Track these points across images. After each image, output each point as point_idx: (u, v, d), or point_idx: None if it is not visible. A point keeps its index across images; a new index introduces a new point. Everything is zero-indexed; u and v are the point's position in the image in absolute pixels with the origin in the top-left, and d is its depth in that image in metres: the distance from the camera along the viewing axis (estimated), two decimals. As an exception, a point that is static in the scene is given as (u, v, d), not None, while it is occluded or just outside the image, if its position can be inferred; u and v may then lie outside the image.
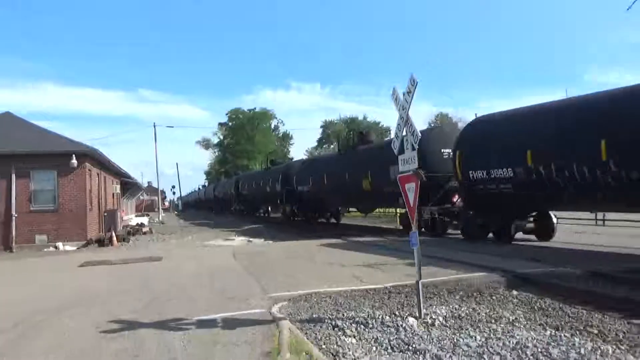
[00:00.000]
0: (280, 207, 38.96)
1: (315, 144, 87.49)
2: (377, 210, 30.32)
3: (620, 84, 11.96)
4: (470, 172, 16.90)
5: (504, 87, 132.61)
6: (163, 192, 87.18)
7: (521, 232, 17.58)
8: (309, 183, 30.69)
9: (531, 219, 17.52)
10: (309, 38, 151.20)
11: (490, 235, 17.65)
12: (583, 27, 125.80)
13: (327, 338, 6.36)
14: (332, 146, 75.53)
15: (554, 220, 17.42)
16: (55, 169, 22.00)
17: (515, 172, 15.03)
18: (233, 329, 6.87)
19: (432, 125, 57.37)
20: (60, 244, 21.18)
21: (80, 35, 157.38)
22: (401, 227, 22.85)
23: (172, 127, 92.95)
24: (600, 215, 21.38)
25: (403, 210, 21.85)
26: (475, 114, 19.33)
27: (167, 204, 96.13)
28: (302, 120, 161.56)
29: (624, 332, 6.42)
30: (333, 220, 33.88)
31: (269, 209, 46.10)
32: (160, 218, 51.59)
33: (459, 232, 19.04)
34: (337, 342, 6.16)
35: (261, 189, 41.05)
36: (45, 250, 20.63)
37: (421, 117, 74.69)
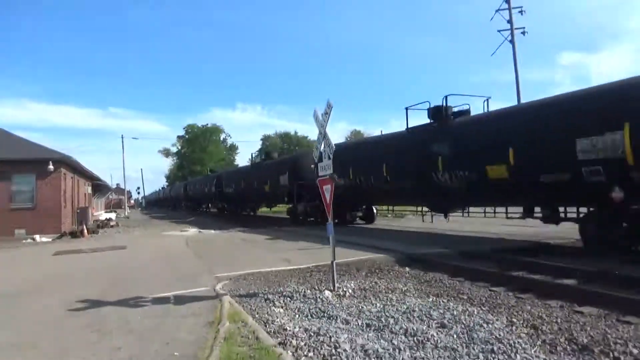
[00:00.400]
0: (215, 204, 41.81)
1: (257, 153, 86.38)
2: (278, 205, 32.05)
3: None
4: None
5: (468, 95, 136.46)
6: (129, 192, 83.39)
7: (357, 219, 21.21)
8: (233, 186, 33.09)
9: (361, 209, 21.43)
10: (253, 69, 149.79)
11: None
12: (462, 67, 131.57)
13: (260, 309, 6.27)
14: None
15: (374, 211, 21.55)
16: (34, 173, 20.64)
17: (345, 181, 18.22)
18: (183, 304, 6.64)
19: (347, 139, 58.93)
20: (37, 237, 19.76)
21: (57, 58, 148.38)
22: (288, 216, 25.48)
23: (137, 138, 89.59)
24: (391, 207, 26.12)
25: (289, 205, 24.87)
26: (381, 131, 21.23)
27: (132, 202, 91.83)
28: (246, 134, 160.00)
29: (486, 297, 6.68)
30: (252, 213, 36.52)
31: (209, 205, 47.28)
32: (126, 214, 49.44)
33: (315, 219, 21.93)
34: (267, 312, 6.08)
35: (202, 190, 43.38)
36: (23, 241, 19.18)
37: (339, 133, 75.88)
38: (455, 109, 14.51)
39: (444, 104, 14.39)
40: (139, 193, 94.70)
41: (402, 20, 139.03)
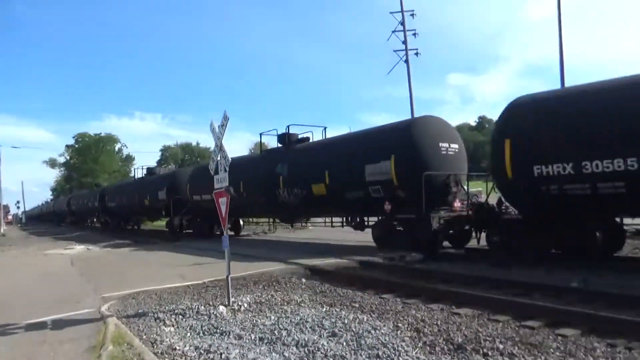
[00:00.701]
0: (100, 218, 41.15)
1: (155, 164, 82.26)
2: (160, 219, 32.09)
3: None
4: (194, 195, 21.99)
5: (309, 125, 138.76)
6: (7, 207, 74.81)
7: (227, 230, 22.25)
8: (116, 201, 33.79)
9: (230, 222, 23.68)
10: (152, 76, 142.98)
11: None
12: (361, 85, 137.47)
13: (149, 329, 5.97)
14: (169, 166, 71.94)
15: (241, 223, 23.77)
16: None
17: (212, 196, 19.30)
18: (62, 328, 6.13)
19: (251, 150, 58.80)
20: None
21: None
22: (167, 230, 26.69)
23: (18, 147, 79.78)
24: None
25: (166, 219, 26.86)
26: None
27: (10, 218, 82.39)
28: (145, 144, 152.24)
29: (376, 305, 6.96)
30: (136, 227, 35.83)
31: (94, 220, 45.52)
32: (2, 231, 44.42)
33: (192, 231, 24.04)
34: (157, 332, 5.80)
35: (86, 205, 42.78)
36: None
37: (243, 144, 75.15)
38: (302, 135, 17.72)
39: (287, 132, 17.56)
40: (18, 208, 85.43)
41: (308, 36, 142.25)
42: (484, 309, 6.32)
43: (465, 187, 12.88)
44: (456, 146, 13.10)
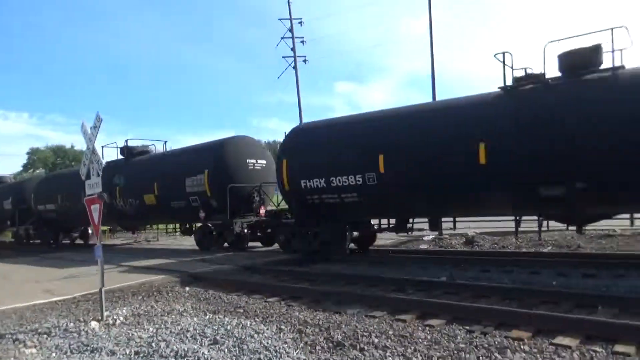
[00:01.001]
0: None
1: (21, 169, 73.39)
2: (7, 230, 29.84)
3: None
4: (38, 205, 22.24)
5: (200, 128, 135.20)
6: None
7: (77, 239, 23.03)
8: None
9: (78, 230, 23.33)
10: (16, 70, 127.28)
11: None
12: (254, 90, 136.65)
13: (5, 353, 5.35)
14: (37, 171, 64.78)
15: (90, 231, 22.48)
16: None
17: (56, 206, 20.65)
18: None
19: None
20: None
21: None
22: (13, 239, 26.43)
23: None
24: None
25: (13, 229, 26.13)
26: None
27: None
28: (9, 145, 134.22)
29: (261, 309, 6.98)
30: None
31: None
32: None
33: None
34: (15, 355, 5.23)
35: None
36: None
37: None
38: (146, 147, 19.03)
39: (126, 145, 18.94)
40: None
41: (200, 41, 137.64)
42: (363, 307, 6.66)
43: (269, 197, 15.69)
44: (263, 162, 15.55)
